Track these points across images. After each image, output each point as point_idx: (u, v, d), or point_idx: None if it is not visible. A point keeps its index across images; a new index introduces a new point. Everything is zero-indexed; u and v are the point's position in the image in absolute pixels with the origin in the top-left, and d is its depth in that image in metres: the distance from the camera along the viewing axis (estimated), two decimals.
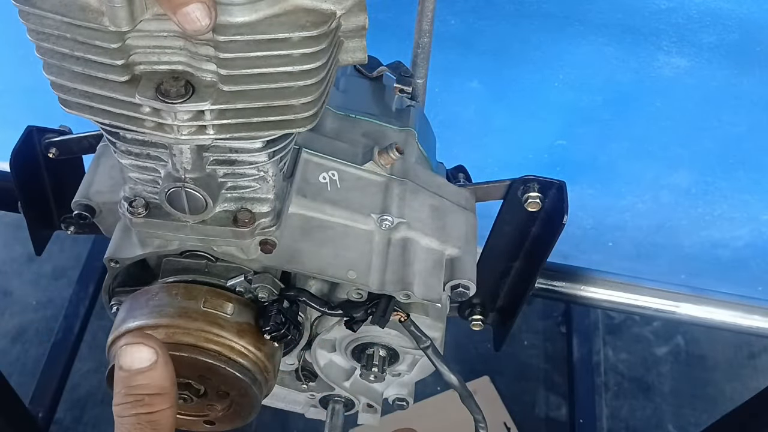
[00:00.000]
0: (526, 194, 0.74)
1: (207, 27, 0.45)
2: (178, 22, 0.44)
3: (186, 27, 0.44)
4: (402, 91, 0.81)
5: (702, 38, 1.21)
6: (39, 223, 0.89)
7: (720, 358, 1.87)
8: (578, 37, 1.26)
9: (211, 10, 0.44)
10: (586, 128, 1.46)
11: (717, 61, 1.24)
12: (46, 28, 0.48)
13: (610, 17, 1.22)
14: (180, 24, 0.44)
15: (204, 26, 0.44)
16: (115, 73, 0.49)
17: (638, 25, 1.22)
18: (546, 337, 1.88)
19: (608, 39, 1.25)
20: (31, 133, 0.82)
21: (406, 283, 0.65)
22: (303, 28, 0.48)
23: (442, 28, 1.11)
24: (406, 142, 0.76)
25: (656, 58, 1.27)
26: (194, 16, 0.44)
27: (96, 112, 0.51)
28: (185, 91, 0.49)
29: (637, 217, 1.68)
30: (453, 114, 1.47)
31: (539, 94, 1.40)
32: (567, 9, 1.22)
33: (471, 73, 1.40)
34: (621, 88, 1.35)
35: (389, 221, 0.67)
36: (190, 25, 0.44)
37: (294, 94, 0.51)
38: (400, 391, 0.85)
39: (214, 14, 0.45)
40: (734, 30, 1.18)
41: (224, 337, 0.63)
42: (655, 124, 1.42)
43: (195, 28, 0.44)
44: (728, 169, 1.49)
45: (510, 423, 1.72)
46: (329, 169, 0.69)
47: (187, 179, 0.57)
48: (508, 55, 1.33)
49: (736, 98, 1.31)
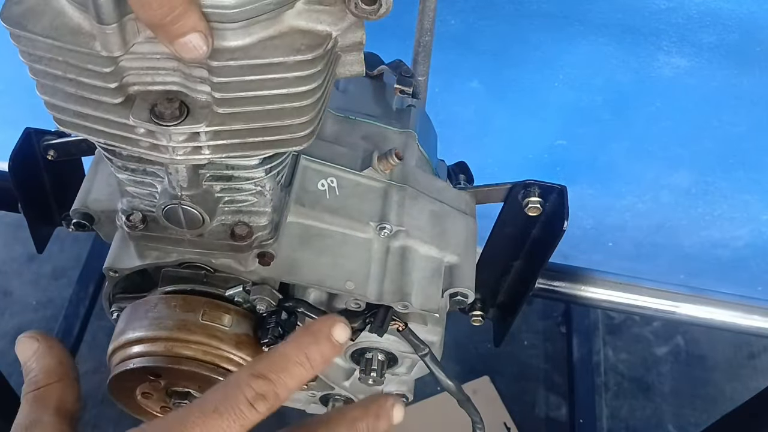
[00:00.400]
0: (527, 198, 0.74)
1: (204, 54, 0.45)
2: (176, 51, 0.44)
3: (184, 56, 0.45)
4: (402, 92, 0.81)
5: (702, 38, 1.21)
6: (39, 220, 0.89)
7: (720, 358, 1.87)
8: (578, 37, 1.26)
9: (208, 38, 0.44)
10: (586, 128, 1.46)
11: (717, 61, 1.24)
12: (37, 51, 0.47)
13: (610, 17, 1.21)
14: (178, 53, 0.44)
15: (202, 54, 0.44)
16: (108, 95, 0.48)
17: (638, 25, 1.21)
18: (546, 337, 1.88)
19: (608, 39, 1.25)
20: (29, 135, 0.82)
21: (405, 293, 0.65)
22: (298, 51, 0.47)
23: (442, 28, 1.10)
24: (407, 144, 0.76)
25: (656, 58, 1.27)
26: (192, 45, 0.44)
27: (90, 132, 0.51)
28: (180, 113, 0.48)
29: (637, 217, 1.68)
30: (453, 114, 1.47)
31: (539, 94, 1.40)
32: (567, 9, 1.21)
33: (471, 73, 1.40)
34: (621, 88, 1.35)
35: (388, 229, 0.67)
36: (188, 54, 0.44)
37: (290, 114, 0.51)
38: (399, 387, 0.85)
39: (211, 41, 0.45)
40: (734, 30, 1.18)
41: (223, 349, 0.63)
42: (655, 124, 1.42)
43: (193, 57, 0.45)
44: (728, 169, 1.49)
45: (510, 423, 1.72)
46: (328, 176, 0.68)
47: (183, 196, 0.57)
48: (508, 55, 1.33)
49: (736, 98, 1.31)
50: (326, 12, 0.48)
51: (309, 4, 0.48)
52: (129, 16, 0.44)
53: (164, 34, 0.44)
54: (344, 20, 0.49)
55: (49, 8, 0.46)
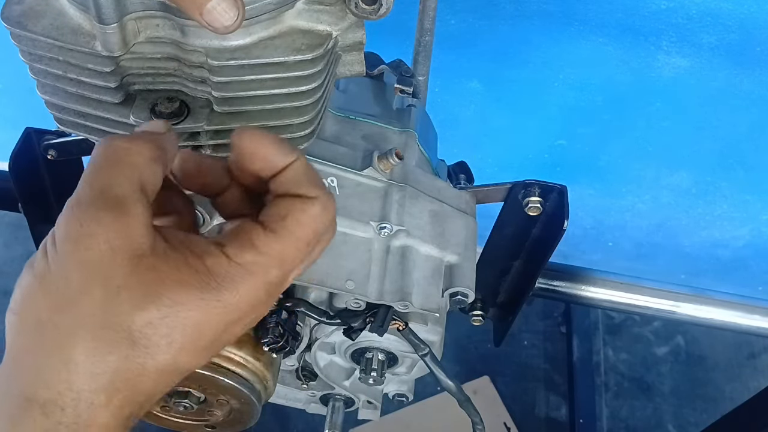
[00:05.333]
0: (527, 198, 0.74)
1: (235, 22, 0.42)
2: (207, 23, 0.42)
3: (216, 26, 0.42)
4: (402, 92, 0.81)
5: (702, 38, 1.21)
6: (40, 220, 0.89)
7: (720, 358, 1.87)
8: (578, 37, 1.26)
9: (237, 1, 0.41)
10: (586, 128, 1.46)
11: (717, 61, 1.24)
12: (38, 50, 0.47)
13: (610, 17, 1.21)
14: (209, 25, 0.42)
15: (233, 21, 0.41)
16: (109, 94, 0.48)
17: (638, 25, 1.21)
18: (546, 337, 1.88)
19: (608, 39, 1.25)
20: (29, 134, 0.82)
21: (405, 293, 0.65)
22: (298, 51, 0.47)
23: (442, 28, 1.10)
24: (407, 144, 0.76)
25: (656, 58, 1.27)
26: (219, 11, 0.41)
27: (91, 131, 0.51)
28: (180, 112, 0.48)
29: (637, 217, 1.68)
30: (453, 114, 1.47)
31: (539, 94, 1.40)
32: (567, 9, 1.21)
33: (471, 73, 1.40)
34: (621, 88, 1.35)
35: (388, 229, 0.67)
36: (218, 21, 0.41)
37: (290, 114, 0.51)
38: (399, 387, 0.85)
39: (242, 5, 0.42)
40: (734, 30, 1.18)
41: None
42: (655, 124, 1.42)
43: (224, 25, 0.42)
44: (728, 169, 1.49)
45: (510, 423, 1.72)
46: (328, 176, 0.68)
47: None
48: (508, 55, 1.33)
49: (736, 98, 1.31)
50: (326, 12, 0.48)
51: (309, 4, 0.48)
52: (129, 16, 0.44)
53: (191, 5, 0.41)
54: (344, 20, 0.49)
55: (50, 8, 0.46)
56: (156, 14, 0.45)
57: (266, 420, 1.68)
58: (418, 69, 0.82)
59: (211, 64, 0.46)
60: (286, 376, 0.85)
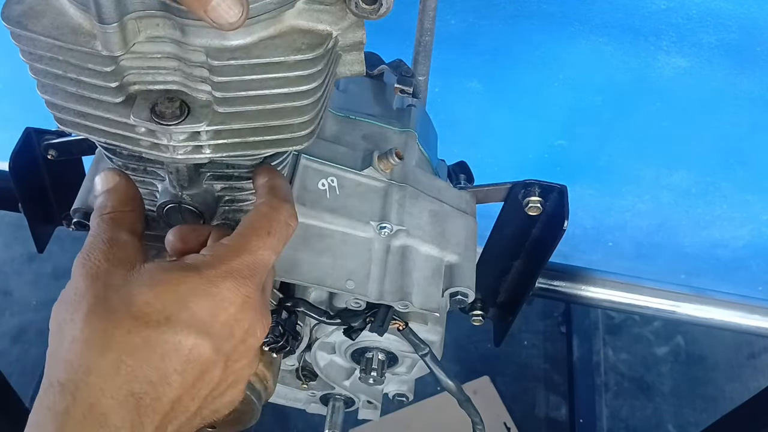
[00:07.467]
0: (527, 198, 0.74)
1: (240, 18, 0.42)
2: (211, 20, 0.42)
3: (221, 23, 0.42)
4: (402, 91, 0.81)
5: (702, 38, 1.21)
6: (40, 220, 0.89)
7: (720, 358, 1.87)
8: (578, 37, 1.26)
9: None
10: (586, 128, 1.46)
11: (717, 61, 1.24)
12: (38, 50, 0.47)
13: (610, 17, 1.21)
14: (214, 22, 0.42)
15: (237, 17, 0.42)
16: (109, 94, 0.48)
17: (638, 25, 1.21)
18: (546, 337, 1.88)
19: (608, 39, 1.25)
20: (29, 134, 0.82)
21: (405, 292, 0.65)
22: (298, 51, 0.47)
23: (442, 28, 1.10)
24: (407, 144, 0.76)
25: (656, 58, 1.27)
26: (224, 7, 0.42)
27: (91, 131, 0.51)
28: (180, 112, 0.48)
29: (637, 217, 1.68)
30: (453, 114, 1.47)
31: (539, 94, 1.40)
32: (567, 9, 1.22)
33: (471, 73, 1.40)
34: (621, 88, 1.35)
35: (388, 229, 0.67)
36: (222, 18, 0.42)
37: (290, 113, 0.51)
38: (399, 387, 0.85)
39: (245, 2, 0.42)
40: (734, 30, 1.18)
41: None
42: (655, 124, 1.42)
43: (230, 22, 0.42)
44: (728, 169, 1.49)
45: (510, 423, 1.72)
46: (328, 176, 0.68)
47: (183, 195, 0.57)
48: (508, 55, 1.33)
49: (736, 98, 1.31)
50: (327, 11, 0.48)
51: (309, 4, 0.48)
52: (129, 15, 0.44)
53: (195, 1, 0.42)
54: (345, 20, 0.49)
55: (50, 8, 0.46)
56: (156, 14, 0.45)
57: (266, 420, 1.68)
58: (418, 69, 0.82)
59: (212, 64, 0.46)
60: (286, 375, 0.85)
